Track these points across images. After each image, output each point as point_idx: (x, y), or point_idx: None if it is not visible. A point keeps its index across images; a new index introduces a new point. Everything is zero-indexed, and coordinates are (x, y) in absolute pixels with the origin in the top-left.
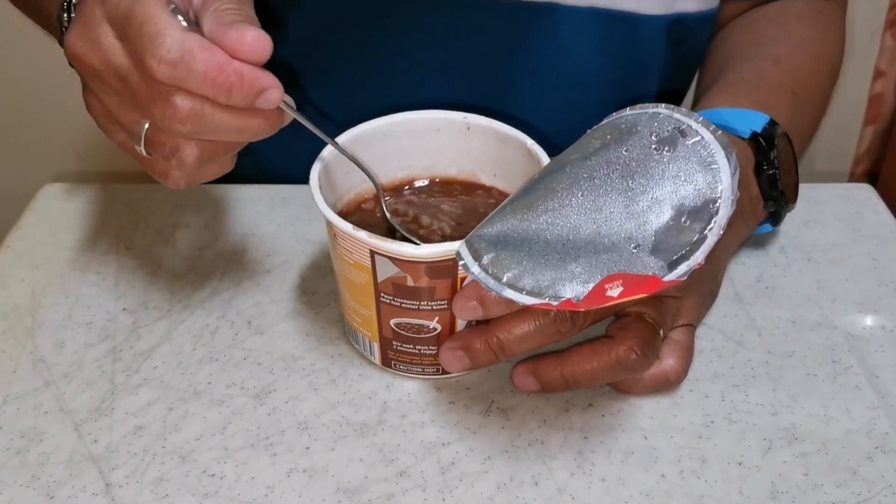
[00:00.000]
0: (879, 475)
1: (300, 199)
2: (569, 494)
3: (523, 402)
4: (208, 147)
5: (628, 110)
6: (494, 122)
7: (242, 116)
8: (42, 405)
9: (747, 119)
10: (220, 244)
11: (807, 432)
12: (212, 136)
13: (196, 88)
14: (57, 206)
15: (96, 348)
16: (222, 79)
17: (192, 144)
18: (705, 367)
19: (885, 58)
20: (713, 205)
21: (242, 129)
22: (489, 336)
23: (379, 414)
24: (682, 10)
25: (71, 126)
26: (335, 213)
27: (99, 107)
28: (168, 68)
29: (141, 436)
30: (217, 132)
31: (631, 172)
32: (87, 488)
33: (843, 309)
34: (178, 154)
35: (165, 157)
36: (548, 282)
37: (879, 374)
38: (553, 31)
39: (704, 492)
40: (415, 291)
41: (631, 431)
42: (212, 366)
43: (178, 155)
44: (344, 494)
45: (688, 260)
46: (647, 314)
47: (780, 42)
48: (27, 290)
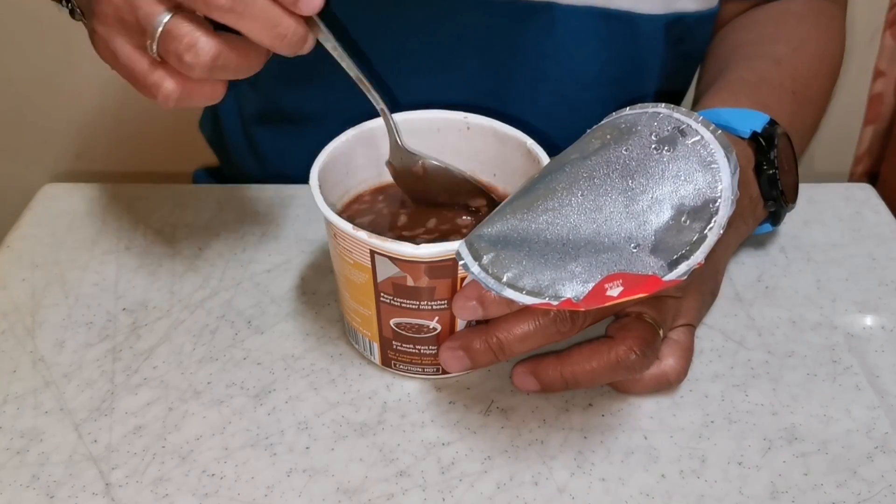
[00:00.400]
0: (879, 475)
1: (300, 199)
2: (569, 494)
3: (523, 402)
4: (226, 49)
5: (628, 110)
6: (494, 122)
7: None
8: (42, 405)
9: (747, 119)
10: (220, 244)
11: (807, 432)
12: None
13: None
14: (57, 205)
15: (96, 348)
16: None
17: (212, 39)
18: (705, 367)
19: (885, 58)
20: (713, 204)
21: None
22: (489, 336)
23: (379, 414)
24: (680, 9)
25: (70, 126)
26: (335, 213)
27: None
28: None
29: (141, 436)
30: (252, 18)
31: (631, 172)
32: (86, 488)
33: (843, 309)
34: (194, 49)
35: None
36: (548, 281)
37: (879, 374)
38: (550, 30)
39: (704, 492)
40: (415, 291)
41: (631, 431)
42: (212, 366)
43: (194, 50)
44: (344, 494)
45: (688, 259)
46: (647, 314)
47: (780, 42)
48: (27, 290)
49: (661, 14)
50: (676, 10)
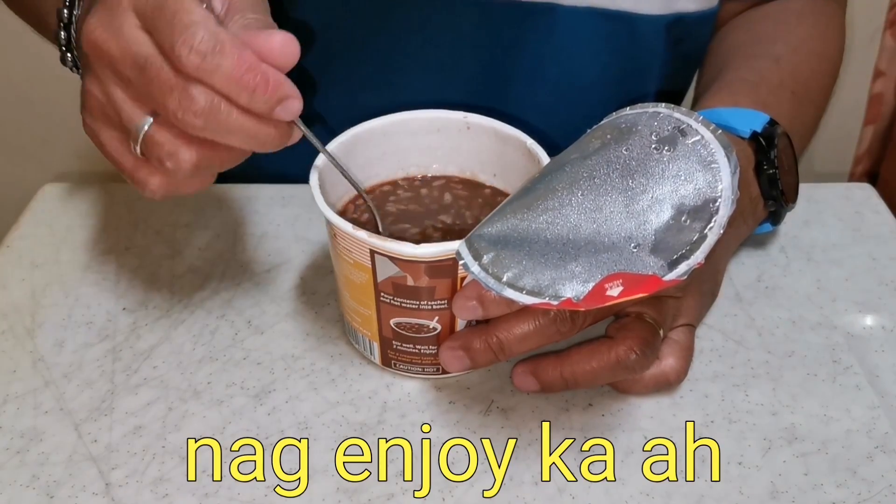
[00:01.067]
0: (879, 475)
1: (300, 199)
2: (569, 494)
3: (523, 401)
4: (207, 154)
5: (628, 109)
6: (494, 121)
7: (257, 122)
8: (42, 405)
9: (747, 118)
10: (219, 244)
11: (807, 432)
12: (220, 137)
13: (221, 84)
14: (57, 206)
15: (96, 348)
16: (249, 77)
17: (192, 149)
18: (705, 367)
19: (885, 58)
20: (713, 204)
21: (253, 135)
22: (489, 336)
23: (379, 414)
24: (681, 9)
25: (71, 126)
26: (335, 213)
27: (100, 99)
28: (198, 58)
29: (141, 435)
30: (228, 133)
31: (631, 172)
32: (86, 488)
33: (843, 309)
34: (175, 157)
35: (161, 158)
36: (548, 281)
37: (879, 373)
38: (551, 31)
39: (704, 492)
40: (415, 291)
41: (631, 431)
42: (211, 365)
43: (175, 158)
44: (344, 494)
45: (688, 259)
46: (647, 314)
47: (779, 41)
48: (27, 290)
49: (662, 14)
50: (677, 11)
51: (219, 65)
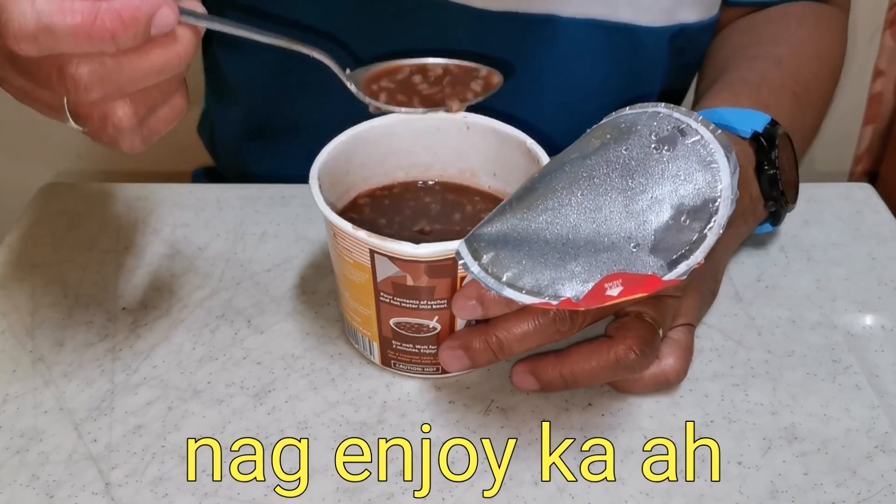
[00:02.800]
0: (879, 475)
1: (300, 199)
2: (569, 494)
3: (523, 401)
4: (138, 99)
5: (628, 109)
6: (494, 121)
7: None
8: (42, 405)
9: (748, 119)
10: (220, 244)
11: (806, 432)
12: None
13: (73, 49)
14: (57, 205)
15: (96, 347)
16: (97, 27)
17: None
18: (705, 367)
19: (885, 57)
20: (713, 204)
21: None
22: (489, 335)
23: (379, 413)
24: (682, 20)
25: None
26: (335, 213)
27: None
28: (30, 44)
29: (140, 435)
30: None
31: (630, 172)
32: (86, 488)
33: (842, 308)
34: (110, 119)
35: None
36: (547, 281)
37: (879, 373)
38: (552, 42)
39: (704, 492)
40: (414, 291)
41: (631, 431)
42: (211, 365)
43: (111, 121)
44: (344, 494)
45: (687, 259)
46: (647, 314)
47: (781, 43)
48: (27, 289)
49: (664, 26)
50: (678, 22)
51: (54, 35)
